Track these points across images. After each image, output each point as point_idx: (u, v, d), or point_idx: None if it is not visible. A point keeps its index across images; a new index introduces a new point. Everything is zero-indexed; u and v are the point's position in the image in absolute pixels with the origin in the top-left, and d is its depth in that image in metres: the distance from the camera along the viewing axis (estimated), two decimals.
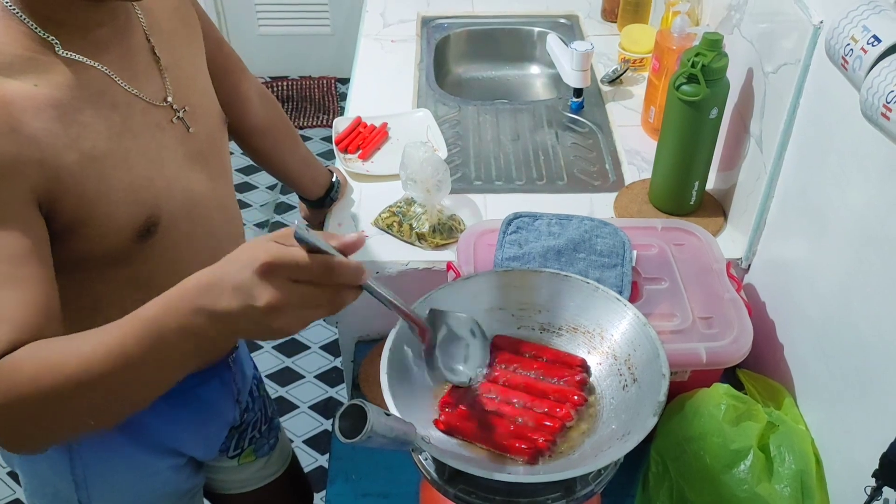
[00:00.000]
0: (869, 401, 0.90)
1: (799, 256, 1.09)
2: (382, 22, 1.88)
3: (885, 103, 0.72)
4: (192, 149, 0.94)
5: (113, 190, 0.82)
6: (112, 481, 1.07)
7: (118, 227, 0.83)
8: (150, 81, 0.90)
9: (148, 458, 1.09)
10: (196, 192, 0.94)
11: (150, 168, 0.87)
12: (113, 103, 0.84)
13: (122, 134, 0.84)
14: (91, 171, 0.80)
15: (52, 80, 0.79)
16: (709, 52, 1.16)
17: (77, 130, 0.79)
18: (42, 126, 0.76)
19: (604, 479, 0.75)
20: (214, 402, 1.15)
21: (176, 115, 0.92)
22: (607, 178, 1.42)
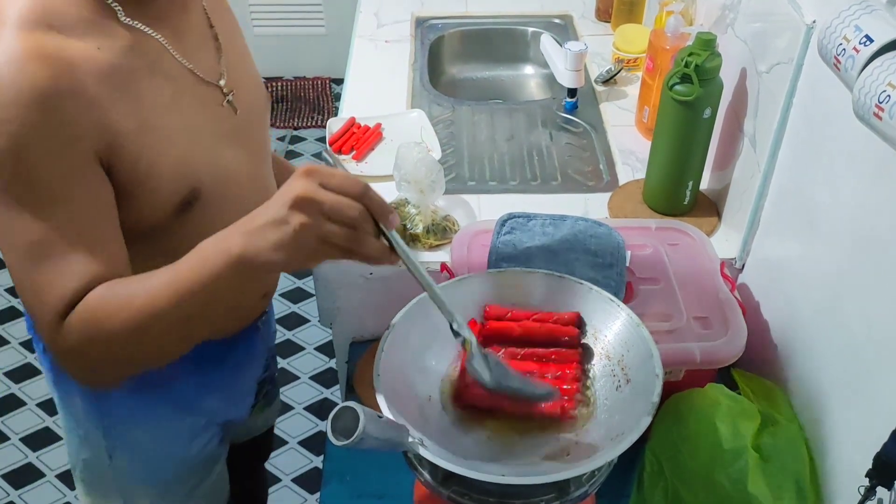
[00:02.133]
0: (862, 400, 0.90)
1: (792, 256, 1.09)
2: (376, 22, 1.88)
3: (877, 103, 0.72)
4: (235, 127, 0.97)
5: (162, 163, 0.84)
6: (138, 437, 1.09)
7: (161, 200, 0.87)
8: (204, 59, 0.92)
9: (175, 418, 1.10)
10: (233, 170, 0.96)
11: (195, 143, 0.89)
12: (167, 75, 0.86)
13: (173, 107, 0.86)
14: (145, 140, 0.82)
15: (114, 45, 0.80)
16: (702, 51, 1.16)
17: (134, 99, 0.81)
18: (103, 91, 0.78)
19: (598, 479, 0.75)
20: (243, 364, 1.17)
21: (226, 98, 0.94)
22: (601, 178, 1.42)
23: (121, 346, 0.77)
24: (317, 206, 0.68)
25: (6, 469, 2.07)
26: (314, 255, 0.70)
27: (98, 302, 0.77)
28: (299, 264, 0.71)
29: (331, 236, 0.68)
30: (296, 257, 0.70)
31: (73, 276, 0.77)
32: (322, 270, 1.26)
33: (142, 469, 1.12)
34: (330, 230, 0.68)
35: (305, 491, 2.01)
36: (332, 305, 1.30)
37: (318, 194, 0.68)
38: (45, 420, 2.18)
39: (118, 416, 1.06)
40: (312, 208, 0.68)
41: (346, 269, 1.25)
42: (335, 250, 0.70)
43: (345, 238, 0.69)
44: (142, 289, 0.76)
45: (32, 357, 2.34)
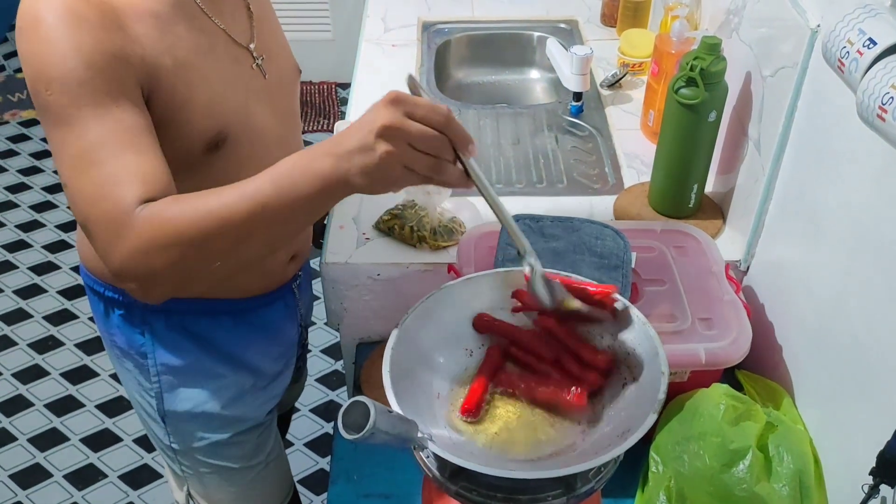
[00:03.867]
0: (866, 400, 0.91)
1: (797, 258, 1.10)
2: (383, 27, 1.89)
3: (881, 105, 0.73)
4: (263, 88, 1.02)
5: (195, 99, 0.90)
6: (182, 392, 1.14)
7: (193, 135, 0.91)
8: (237, 23, 1.00)
9: (218, 366, 1.14)
10: (261, 126, 1.01)
11: (226, 90, 0.95)
12: (201, 28, 0.93)
13: (207, 54, 0.93)
14: (181, 77, 0.88)
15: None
16: (707, 55, 1.17)
17: (172, 40, 0.88)
18: (143, 30, 0.85)
19: (604, 476, 0.76)
20: (279, 323, 1.21)
21: (255, 61, 1.01)
22: (607, 181, 1.43)
23: (187, 247, 0.77)
24: (403, 135, 0.70)
25: (14, 469, 2.09)
26: (396, 181, 0.74)
27: (168, 206, 0.78)
28: (382, 189, 0.74)
29: (414, 164, 0.72)
30: (379, 182, 0.73)
31: (130, 179, 0.79)
32: (329, 272, 1.27)
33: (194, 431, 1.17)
34: (414, 158, 0.71)
35: (311, 493, 2.02)
36: (340, 307, 1.31)
37: (404, 124, 0.70)
38: (52, 421, 2.20)
39: (164, 371, 1.12)
40: (398, 137, 0.70)
41: (354, 271, 1.26)
42: (416, 177, 0.73)
43: (427, 166, 0.72)
44: (215, 199, 0.77)
45: (40, 359, 2.36)
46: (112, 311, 1.11)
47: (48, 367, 2.34)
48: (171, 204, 0.78)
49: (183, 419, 1.17)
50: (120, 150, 0.80)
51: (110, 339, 1.15)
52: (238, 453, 1.23)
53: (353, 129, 0.73)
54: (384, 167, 0.71)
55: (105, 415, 2.21)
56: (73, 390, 2.28)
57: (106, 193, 0.79)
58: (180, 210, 0.77)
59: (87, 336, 2.42)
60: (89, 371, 2.33)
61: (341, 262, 1.26)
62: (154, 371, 1.12)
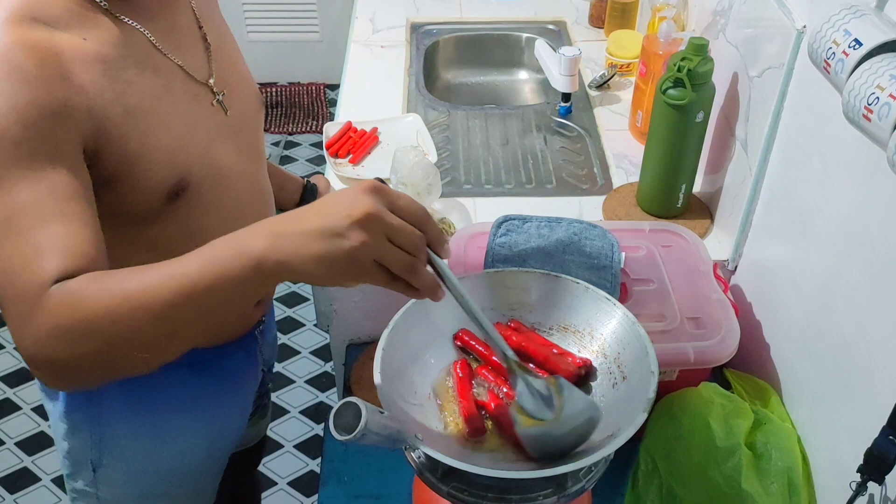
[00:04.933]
0: (853, 398, 0.91)
1: (784, 257, 1.11)
2: (372, 28, 1.89)
3: (866, 105, 0.73)
4: (226, 125, 0.97)
5: (151, 148, 0.85)
6: (127, 447, 1.06)
7: (151, 186, 0.86)
8: (194, 58, 0.94)
9: (167, 428, 1.08)
10: (224, 165, 0.96)
11: (185, 133, 0.89)
12: (155, 68, 0.87)
13: (163, 97, 0.87)
14: (134, 126, 0.83)
15: (100, 36, 0.82)
16: (695, 56, 1.17)
17: (122, 86, 0.83)
18: (90, 78, 0.79)
19: (594, 475, 0.77)
20: (240, 373, 1.15)
21: (216, 97, 0.96)
22: (595, 182, 1.44)
23: (100, 337, 0.69)
24: (383, 227, 0.64)
25: (2, 473, 2.07)
26: (360, 276, 0.65)
27: (85, 286, 0.70)
28: (336, 282, 0.66)
29: (387, 259, 0.65)
30: (336, 274, 0.65)
31: (53, 251, 0.71)
32: None
33: (131, 481, 1.10)
34: (389, 253, 0.64)
35: (301, 494, 2.02)
36: (329, 308, 1.31)
37: (387, 216, 0.64)
38: (40, 424, 2.18)
39: (108, 424, 1.04)
40: (378, 228, 0.64)
41: None
42: (384, 275, 0.66)
43: (402, 265, 0.65)
44: (136, 279, 0.69)
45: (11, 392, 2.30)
46: None
47: None
48: (88, 283, 0.70)
49: (117, 472, 1.08)
50: (48, 219, 0.73)
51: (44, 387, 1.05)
52: None
53: (319, 210, 0.66)
54: (353, 257, 0.63)
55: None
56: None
57: (25, 266, 0.71)
58: (96, 292, 0.69)
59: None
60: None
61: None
62: (96, 422, 1.04)
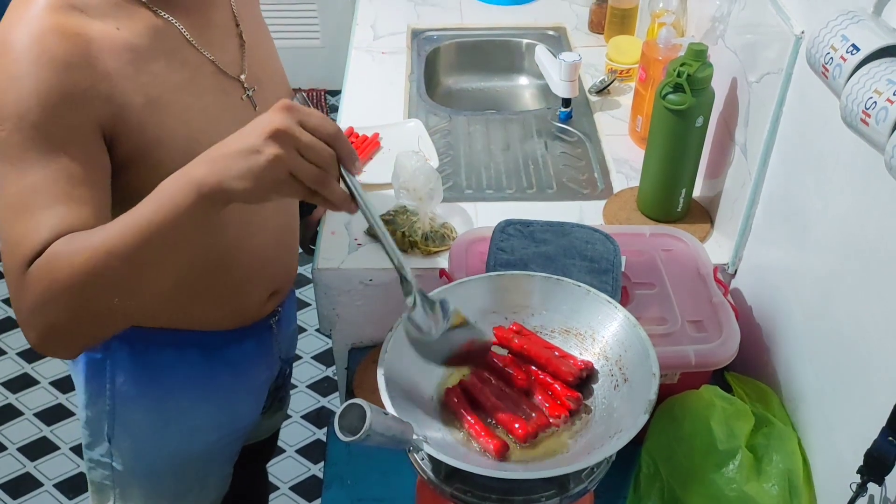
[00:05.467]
0: (853, 400, 0.92)
1: (783, 261, 1.12)
2: (373, 34, 1.90)
3: (864, 110, 0.74)
4: None
5: (170, 139, 0.88)
6: (139, 422, 1.10)
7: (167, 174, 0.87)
8: (227, 53, 0.97)
9: (177, 398, 1.10)
10: None
11: (209, 125, 0.91)
12: (183, 60, 0.91)
13: (187, 89, 0.91)
14: (153, 116, 0.86)
15: (134, 26, 0.86)
16: (694, 62, 1.18)
17: (147, 77, 0.86)
18: (116, 66, 0.83)
19: (596, 476, 0.77)
20: (249, 360, 1.16)
21: (246, 92, 0.99)
22: (596, 187, 1.45)
23: (77, 294, 0.75)
24: (293, 140, 0.69)
25: (4, 479, 2.07)
26: (278, 188, 0.71)
27: (56, 250, 0.76)
28: (262, 195, 0.72)
29: (300, 172, 0.70)
30: (260, 187, 0.70)
31: (43, 227, 0.77)
32: (322, 278, 1.27)
33: (141, 455, 1.13)
34: (301, 166, 0.70)
35: (303, 499, 2.02)
36: (332, 312, 1.32)
37: (296, 130, 0.70)
38: (42, 430, 2.18)
39: (120, 397, 1.08)
40: (288, 142, 0.69)
41: (346, 276, 1.27)
42: (299, 188, 0.71)
43: (313, 177, 0.71)
44: (100, 232, 0.75)
45: (30, 367, 2.35)
46: None
47: (38, 375, 2.33)
48: (62, 245, 0.76)
49: (130, 445, 1.12)
50: (53, 202, 0.78)
51: None
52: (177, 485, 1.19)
53: (236, 134, 0.72)
54: (270, 170, 0.69)
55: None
56: (62, 399, 2.27)
57: (23, 242, 0.77)
58: (69, 253, 0.75)
59: None
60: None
61: (333, 268, 1.27)
62: (108, 395, 1.08)
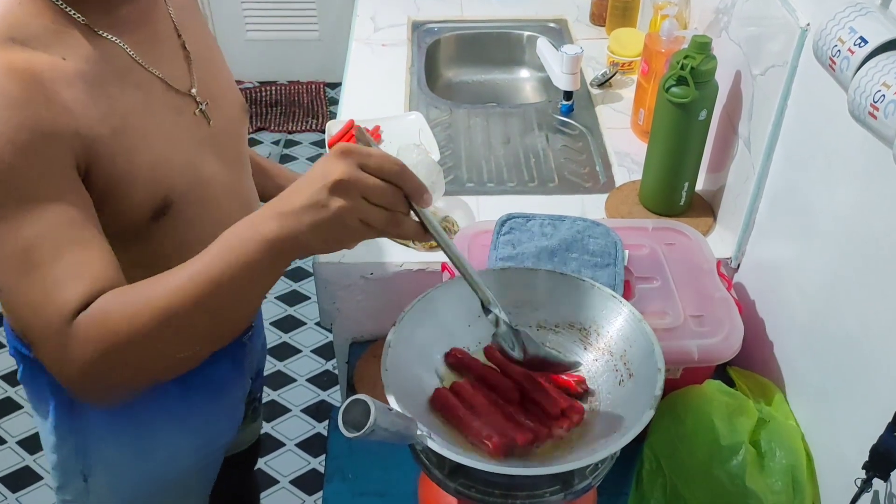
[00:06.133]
0: (857, 395, 0.92)
1: (787, 255, 1.11)
2: (373, 26, 1.89)
3: (872, 103, 0.74)
4: (209, 136, 0.97)
5: (137, 167, 0.84)
6: (114, 456, 1.07)
7: (137, 205, 0.85)
8: (174, 68, 0.93)
9: (155, 436, 1.08)
10: (207, 177, 0.95)
11: (168, 148, 0.89)
12: (136, 82, 0.86)
13: (145, 112, 0.86)
14: (120, 145, 0.82)
15: (79, 53, 0.81)
16: (698, 54, 1.17)
17: (106, 104, 0.81)
18: (73, 97, 0.78)
19: (601, 472, 0.77)
20: (224, 380, 1.14)
21: (199, 107, 0.95)
22: (598, 180, 1.44)
23: (141, 351, 0.73)
24: (357, 189, 0.67)
25: (4, 472, 2.07)
26: (352, 237, 0.70)
27: (110, 306, 0.73)
28: (337, 246, 0.71)
29: (369, 218, 0.69)
30: (334, 240, 0.70)
31: (73, 278, 0.73)
32: (322, 272, 1.27)
33: (119, 490, 1.10)
34: (369, 212, 0.68)
35: (303, 493, 2.02)
36: (333, 307, 1.31)
37: (359, 177, 0.67)
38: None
39: (93, 434, 1.04)
40: (353, 191, 0.67)
41: (347, 270, 1.26)
42: (372, 231, 0.70)
43: (383, 220, 0.69)
44: (160, 287, 0.72)
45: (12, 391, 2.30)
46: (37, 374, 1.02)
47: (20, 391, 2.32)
48: (111, 301, 0.73)
49: (104, 480, 1.08)
50: (62, 250, 0.74)
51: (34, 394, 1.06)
52: None
53: (302, 184, 0.69)
54: (339, 223, 0.68)
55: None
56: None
57: (48, 300, 0.73)
58: (121, 309, 0.72)
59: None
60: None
61: (334, 262, 1.26)
62: (81, 432, 1.04)
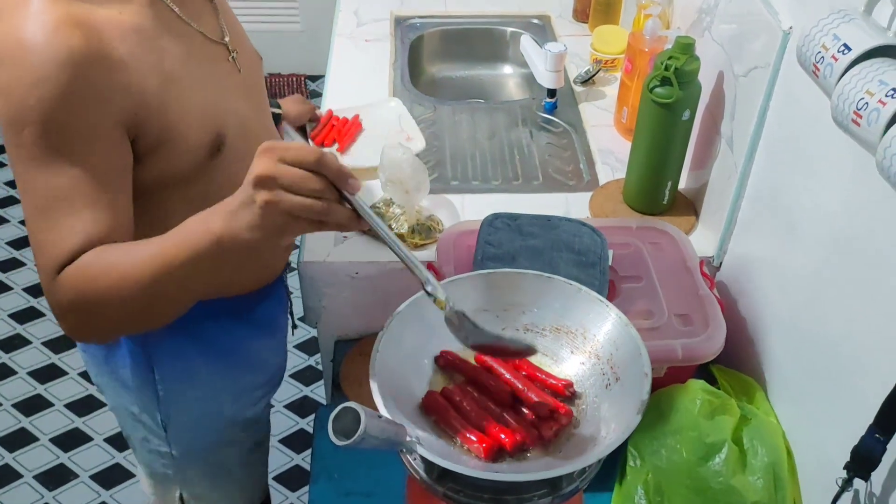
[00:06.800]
0: (839, 395, 0.93)
1: (769, 254, 1.12)
2: (356, 21, 1.88)
3: (856, 110, 0.75)
4: (241, 82, 1.04)
5: (189, 110, 0.90)
6: (190, 398, 1.15)
7: (193, 146, 0.92)
8: (206, 21, 0.99)
9: (224, 373, 1.16)
10: (249, 119, 1.03)
11: (213, 92, 0.95)
12: (179, 34, 0.93)
13: (190, 61, 0.92)
14: (171, 92, 0.88)
15: (132, 8, 0.87)
16: (681, 55, 1.18)
17: (158, 55, 0.88)
18: (128, 50, 0.84)
19: (588, 475, 0.78)
20: (274, 316, 1.23)
21: (231, 55, 1.02)
22: (582, 178, 1.45)
23: (108, 307, 0.81)
24: (275, 181, 0.70)
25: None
26: (285, 230, 0.73)
27: (88, 262, 0.80)
28: (273, 240, 0.74)
29: (295, 210, 0.70)
30: (267, 234, 0.73)
31: (73, 234, 0.81)
32: (308, 271, 1.26)
33: (197, 436, 1.19)
34: (294, 203, 0.70)
35: (287, 489, 2.02)
36: (318, 305, 1.31)
37: (277, 169, 0.70)
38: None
39: (169, 378, 1.11)
40: (272, 184, 0.70)
41: (333, 269, 1.26)
42: (304, 223, 0.72)
43: (310, 210, 0.71)
44: (128, 257, 0.80)
45: (7, 357, 2.32)
46: None
47: (14, 365, 2.30)
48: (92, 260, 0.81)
49: (186, 426, 1.17)
50: (80, 206, 0.81)
51: (102, 357, 1.12)
52: (237, 452, 1.26)
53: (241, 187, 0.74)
54: (267, 218, 0.71)
55: (75, 414, 2.18)
56: (40, 389, 2.24)
57: (53, 245, 0.81)
58: (97, 271, 0.80)
59: (54, 334, 2.38)
60: (58, 370, 2.29)
61: (319, 261, 1.26)
62: (157, 382, 1.11)
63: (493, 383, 0.82)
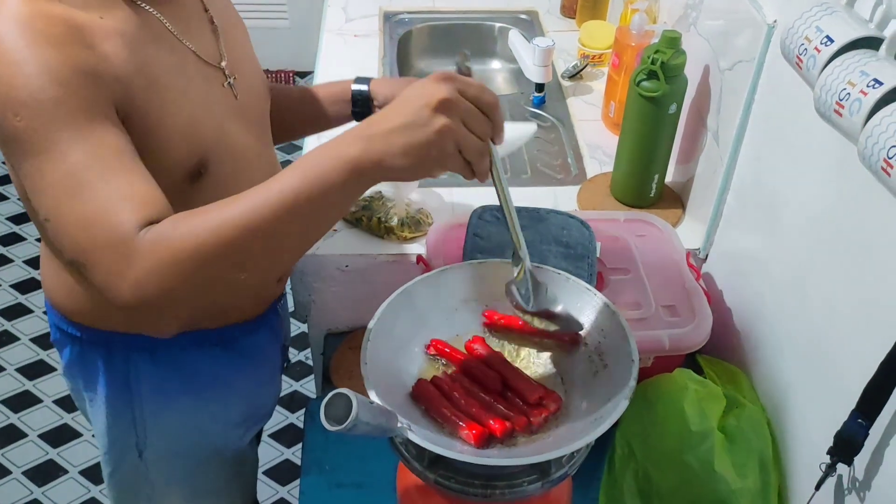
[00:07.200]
0: (822, 382, 0.95)
1: (755, 246, 1.14)
2: (345, 16, 1.88)
3: (838, 101, 0.76)
4: (237, 107, 0.98)
5: (170, 124, 0.84)
6: (169, 426, 1.09)
7: (172, 164, 0.86)
8: (204, 42, 0.94)
9: (206, 406, 1.10)
10: (239, 146, 0.97)
11: (201, 111, 0.89)
12: (169, 47, 0.88)
13: (178, 74, 0.87)
14: (154, 98, 0.83)
15: (116, 15, 0.82)
16: (668, 49, 1.19)
17: (143, 58, 0.82)
18: (111, 49, 0.79)
19: (577, 461, 0.79)
20: (265, 347, 1.17)
21: (227, 80, 0.96)
22: (569, 172, 1.46)
23: (205, 265, 0.70)
24: (460, 111, 0.67)
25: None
26: (442, 162, 0.69)
27: (173, 223, 0.71)
28: (423, 171, 0.69)
29: (465, 144, 0.68)
30: (423, 162, 0.68)
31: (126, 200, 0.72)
32: (298, 264, 1.27)
33: (174, 462, 1.13)
34: (466, 137, 0.68)
35: (277, 483, 2.02)
36: (308, 298, 1.31)
37: (462, 101, 0.67)
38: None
39: (148, 403, 1.06)
40: (456, 112, 0.67)
41: (322, 262, 1.27)
42: (459, 161, 0.69)
43: (476, 149, 0.68)
44: (234, 205, 0.71)
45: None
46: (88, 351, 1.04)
47: (2, 362, 2.30)
48: (177, 223, 0.72)
49: (164, 451, 1.12)
50: (108, 173, 0.73)
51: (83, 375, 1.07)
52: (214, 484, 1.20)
53: (397, 106, 0.68)
54: (438, 143, 0.67)
55: (64, 410, 2.18)
56: (29, 385, 2.24)
57: (101, 219, 0.71)
58: (191, 226, 0.71)
59: (42, 331, 2.37)
60: (46, 366, 2.29)
61: (309, 254, 1.26)
62: (137, 406, 1.06)
63: (482, 371, 0.83)
